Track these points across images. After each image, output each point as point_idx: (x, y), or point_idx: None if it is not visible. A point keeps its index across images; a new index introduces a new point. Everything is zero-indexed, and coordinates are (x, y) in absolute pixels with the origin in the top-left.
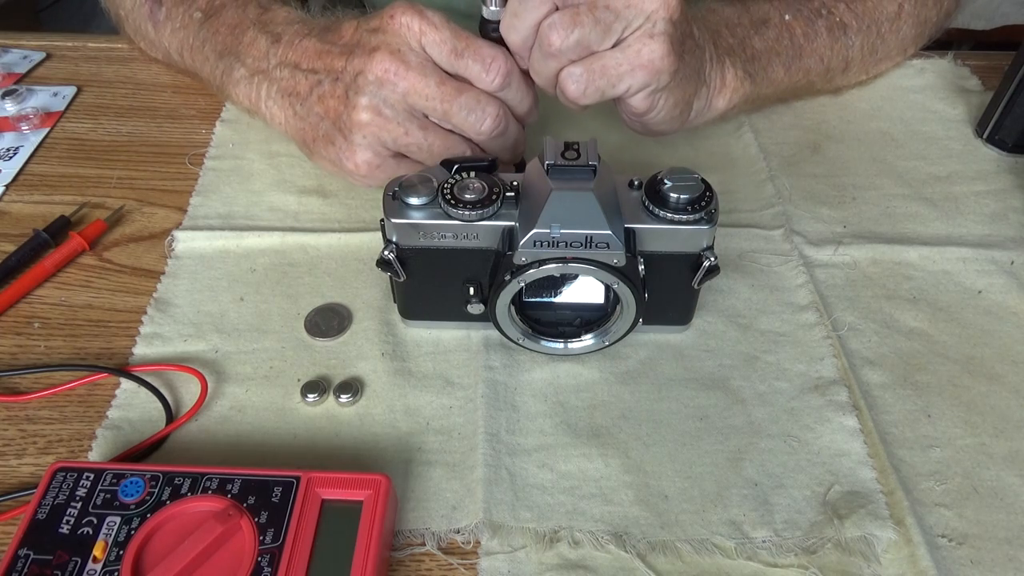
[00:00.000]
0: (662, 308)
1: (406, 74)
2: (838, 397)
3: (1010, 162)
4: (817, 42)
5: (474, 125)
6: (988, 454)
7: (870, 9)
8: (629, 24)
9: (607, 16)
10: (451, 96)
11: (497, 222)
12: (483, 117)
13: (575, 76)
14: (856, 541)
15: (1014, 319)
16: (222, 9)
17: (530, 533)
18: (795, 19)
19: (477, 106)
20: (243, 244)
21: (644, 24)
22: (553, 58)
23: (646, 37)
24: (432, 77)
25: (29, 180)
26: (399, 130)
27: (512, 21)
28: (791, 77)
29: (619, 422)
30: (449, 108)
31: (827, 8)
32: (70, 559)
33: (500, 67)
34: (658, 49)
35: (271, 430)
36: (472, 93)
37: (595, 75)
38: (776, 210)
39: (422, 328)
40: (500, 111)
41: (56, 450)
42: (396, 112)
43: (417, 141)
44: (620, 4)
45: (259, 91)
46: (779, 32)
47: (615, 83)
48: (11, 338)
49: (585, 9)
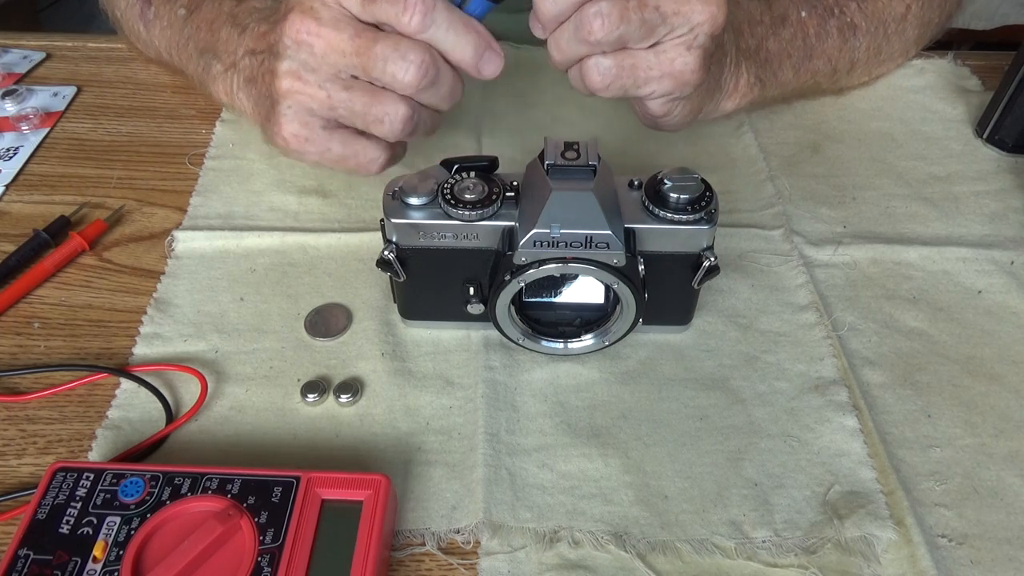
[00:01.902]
0: (662, 308)
1: (319, 31)
2: (838, 397)
3: (1010, 162)
4: (827, 43)
5: (397, 76)
6: (988, 454)
7: (879, 10)
8: (673, 31)
9: (654, 18)
10: (366, 48)
11: (497, 222)
12: (405, 66)
13: (603, 68)
14: (856, 541)
15: (1014, 319)
16: (202, 3)
17: (530, 533)
18: (810, 16)
19: (395, 54)
20: (243, 244)
21: (687, 34)
22: (586, 44)
23: (684, 47)
24: (346, 30)
25: (29, 180)
26: (321, 94)
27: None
28: (799, 79)
29: (619, 422)
30: (366, 61)
31: (840, 7)
32: (70, 559)
33: (417, 3)
34: (692, 62)
35: (271, 430)
36: (389, 40)
37: (624, 72)
38: (776, 210)
39: (422, 328)
40: (425, 57)
41: (56, 450)
42: (317, 75)
43: (343, 103)
44: (670, 8)
45: (231, 84)
46: (794, 32)
47: (641, 85)
48: (11, 338)
49: (635, 6)
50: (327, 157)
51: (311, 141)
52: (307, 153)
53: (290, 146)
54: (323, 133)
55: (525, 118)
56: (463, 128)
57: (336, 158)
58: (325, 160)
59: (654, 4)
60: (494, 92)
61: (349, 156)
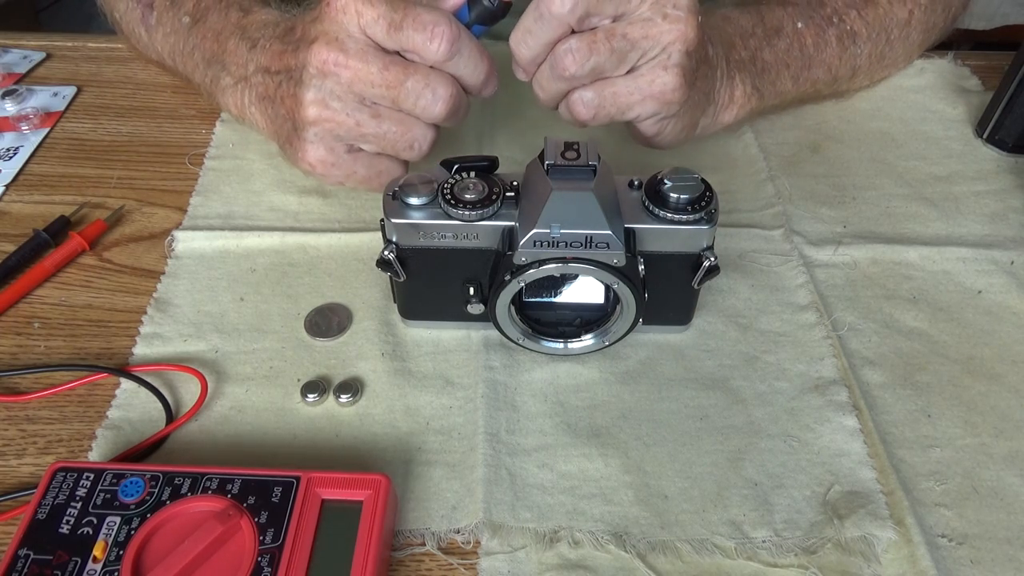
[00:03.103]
0: (662, 308)
1: (347, 62)
2: (838, 397)
3: (1010, 162)
4: (826, 52)
5: (428, 110)
6: (988, 454)
7: (880, 16)
8: (645, 54)
9: (623, 45)
10: (397, 82)
11: (497, 222)
12: (435, 101)
13: (586, 100)
14: (856, 541)
15: (1014, 319)
16: (207, 12)
17: (530, 533)
18: (807, 27)
19: (426, 89)
20: (243, 244)
21: (660, 55)
22: (564, 81)
23: (660, 68)
24: (375, 63)
25: (29, 180)
26: (349, 121)
27: (524, 37)
28: (798, 88)
29: (619, 422)
30: (397, 95)
31: (839, 16)
32: (70, 559)
33: (444, 32)
34: (671, 81)
35: (271, 430)
36: (419, 76)
37: (606, 101)
38: (776, 210)
39: (422, 328)
40: (452, 90)
41: (56, 450)
42: (344, 104)
43: (372, 131)
44: (638, 34)
45: (243, 98)
46: (791, 42)
47: (625, 111)
48: (11, 338)
49: (602, 37)
50: (352, 179)
51: (337, 166)
52: (331, 176)
53: (316, 170)
54: (348, 157)
55: (525, 118)
56: (463, 128)
57: (361, 179)
58: (349, 182)
59: (621, 32)
60: None
61: (373, 177)
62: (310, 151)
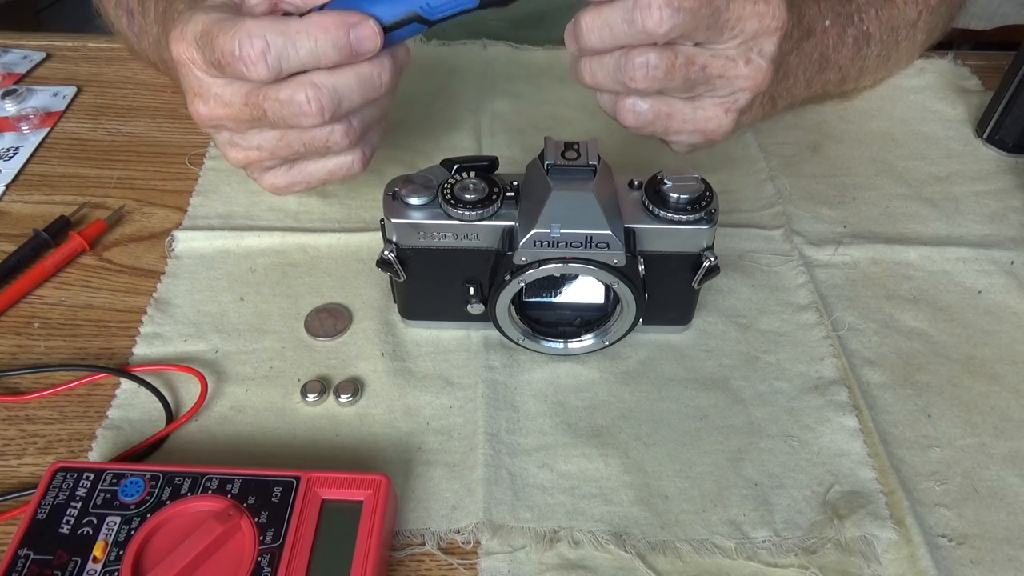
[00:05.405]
0: (662, 308)
1: (215, 110)
2: (838, 397)
3: (1010, 162)
4: (842, 53)
5: (304, 120)
6: (988, 454)
7: (894, 16)
8: (715, 90)
9: (699, 76)
10: (260, 109)
11: (497, 222)
12: (302, 108)
13: (639, 111)
14: (856, 541)
15: (1014, 319)
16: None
17: (530, 533)
18: (832, 25)
19: (286, 107)
20: (243, 244)
21: (727, 97)
22: (623, 86)
23: (721, 109)
24: (234, 100)
25: (29, 180)
26: (263, 153)
27: (600, 27)
28: (809, 91)
29: (619, 422)
30: (272, 117)
31: (859, 14)
32: (70, 559)
33: (249, 55)
34: (726, 123)
35: (271, 430)
36: (271, 93)
37: (659, 119)
38: (776, 210)
39: (422, 328)
40: (308, 91)
41: (56, 450)
42: (248, 140)
43: (284, 148)
44: (716, 71)
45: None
46: (815, 44)
47: (671, 133)
48: (11, 338)
49: (682, 63)
50: (314, 181)
51: (291, 184)
52: (295, 189)
53: (281, 195)
54: (294, 170)
55: (525, 118)
56: (463, 128)
57: (322, 179)
58: (314, 184)
59: (701, 63)
60: (494, 92)
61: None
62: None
